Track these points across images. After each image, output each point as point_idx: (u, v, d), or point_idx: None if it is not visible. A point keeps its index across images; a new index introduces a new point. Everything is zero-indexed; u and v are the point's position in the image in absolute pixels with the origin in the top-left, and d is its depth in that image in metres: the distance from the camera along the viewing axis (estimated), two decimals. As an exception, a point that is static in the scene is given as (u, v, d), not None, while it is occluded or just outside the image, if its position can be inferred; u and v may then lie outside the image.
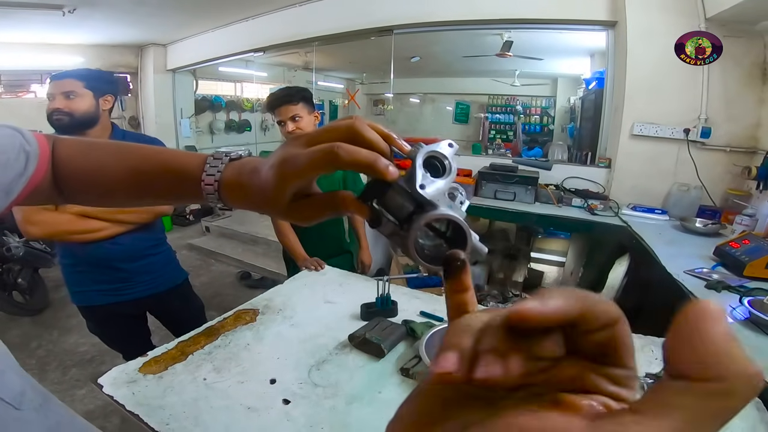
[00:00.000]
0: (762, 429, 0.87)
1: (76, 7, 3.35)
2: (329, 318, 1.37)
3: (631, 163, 2.79)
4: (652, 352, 1.18)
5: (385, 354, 1.15)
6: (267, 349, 1.19)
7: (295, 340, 1.24)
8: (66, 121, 1.40)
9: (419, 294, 1.61)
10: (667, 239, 2.14)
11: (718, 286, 1.50)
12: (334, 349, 1.20)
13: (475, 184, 2.87)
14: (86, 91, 1.43)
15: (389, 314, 1.36)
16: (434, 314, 1.40)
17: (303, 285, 1.63)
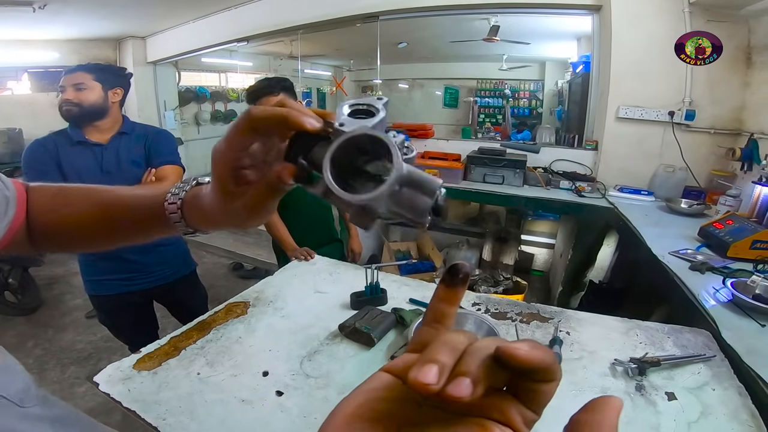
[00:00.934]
0: (744, 413, 0.88)
1: (46, 2, 3.24)
2: (319, 308, 1.38)
3: (617, 146, 2.82)
4: (636, 336, 1.21)
5: (375, 343, 1.16)
6: (259, 342, 1.19)
7: (286, 332, 1.24)
8: (75, 112, 1.44)
9: (408, 281, 1.62)
10: (653, 220, 2.16)
11: (702, 267, 1.52)
12: (324, 340, 1.20)
13: (464, 169, 2.89)
14: (95, 83, 1.48)
15: (379, 302, 1.37)
16: (423, 301, 1.41)
17: (293, 275, 1.63)
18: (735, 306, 1.26)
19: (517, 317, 1.32)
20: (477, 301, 1.43)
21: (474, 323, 1.19)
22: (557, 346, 1.13)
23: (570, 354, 1.14)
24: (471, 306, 1.38)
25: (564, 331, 1.24)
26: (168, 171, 1.56)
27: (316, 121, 0.31)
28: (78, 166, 1.46)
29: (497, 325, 1.16)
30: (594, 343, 1.18)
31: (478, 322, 1.18)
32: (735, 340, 1.09)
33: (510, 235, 3.29)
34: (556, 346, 1.13)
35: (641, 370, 1.02)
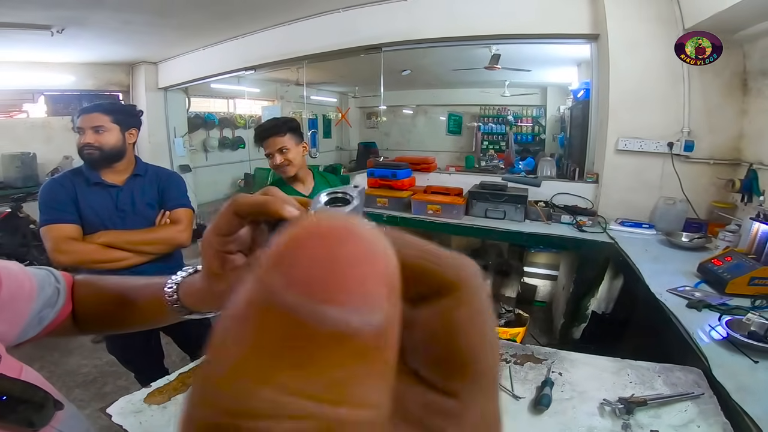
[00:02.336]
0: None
1: (64, 27, 3.38)
2: None
3: (617, 178, 2.82)
4: (627, 375, 1.22)
5: None
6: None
7: None
8: (96, 155, 1.49)
9: None
10: (652, 255, 2.16)
11: (699, 305, 1.52)
12: None
13: (466, 204, 2.88)
14: (113, 125, 1.53)
15: None
16: None
17: None
18: (729, 343, 1.27)
19: (512, 359, 1.33)
20: None
21: None
22: (548, 388, 1.14)
23: (561, 394, 1.15)
24: None
25: (557, 372, 1.25)
26: (181, 214, 1.64)
27: (295, 209, 0.34)
28: (95, 206, 1.52)
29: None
30: (585, 384, 1.20)
31: None
32: (726, 377, 1.10)
33: (512, 268, 3.29)
34: (547, 387, 1.15)
35: (628, 410, 1.04)
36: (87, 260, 1.47)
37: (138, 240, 1.53)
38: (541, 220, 2.77)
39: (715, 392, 1.10)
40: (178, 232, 1.60)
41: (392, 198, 3.03)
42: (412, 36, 3.36)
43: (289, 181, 1.90)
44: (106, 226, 1.52)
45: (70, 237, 1.45)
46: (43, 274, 0.58)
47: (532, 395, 1.15)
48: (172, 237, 1.59)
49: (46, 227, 1.45)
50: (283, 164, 1.80)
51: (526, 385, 1.21)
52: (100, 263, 1.48)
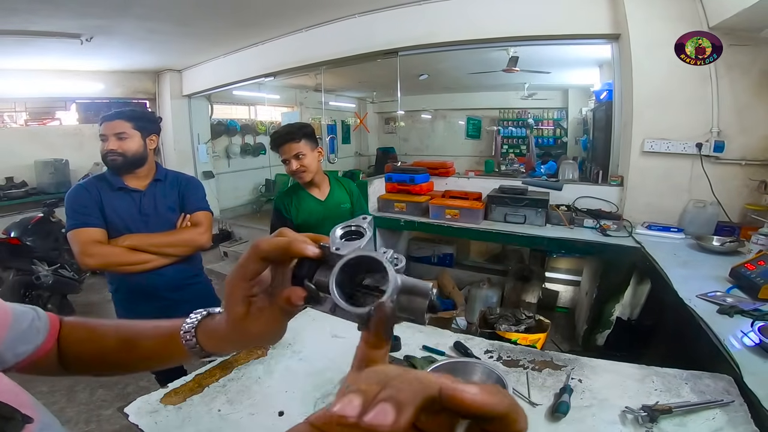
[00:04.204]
0: None
1: (93, 35, 3.53)
2: (335, 352, 1.39)
3: (643, 181, 2.74)
4: (653, 383, 1.17)
5: None
6: (276, 383, 1.22)
7: (302, 374, 1.26)
8: (120, 162, 1.54)
9: (423, 328, 1.62)
10: (681, 260, 2.08)
11: (731, 311, 1.46)
12: (338, 383, 1.21)
13: (485, 208, 2.85)
14: (135, 131, 1.57)
15: (393, 349, 1.37)
16: (437, 348, 1.41)
17: (311, 320, 1.65)
18: (762, 350, 1.21)
19: (530, 365, 1.30)
20: (490, 348, 1.42)
21: (482, 372, 1.18)
22: (566, 395, 1.10)
23: (580, 402, 1.11)
24: (483, 353, 1.37)
25: (576, 378, 1.21)
26: (201, 217, 1.69)
27: (315, 247, 0.35)
28: (119, 210, 1.57)
29: (508, 372, 1.14)
30: (606, 391, 1.15)
31: (487, 372, 1.17)
32: (758, 384, 1.05)
33: (533, 273, 3.23)
34: (565, 394, 1.11)
35: (652, 418, 0.99)
36: (113, 263, 1.52)
37: (161, 242, 1.58)
38: (563, 224, 2.71)
39: (745, 400, 1.04)
40: (199, 234, 1.64)
41: (410, 203, 3.02)
42: (429, 40, 3.36)
43: (305, 186, 1.93)
44: (130, 229, 1.56)
45: (96, 240, 1.50)
46: (24, 310, 0.58)
47: (550, 402, 1.11)
48: (193, 239, 1.64)
49: (73, 231, 1.50)
50: (299, 170, 1.83)
51: (543, 391, 1.17)
52: (126, 266, 1.52)
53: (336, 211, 1.97)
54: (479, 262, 3.91)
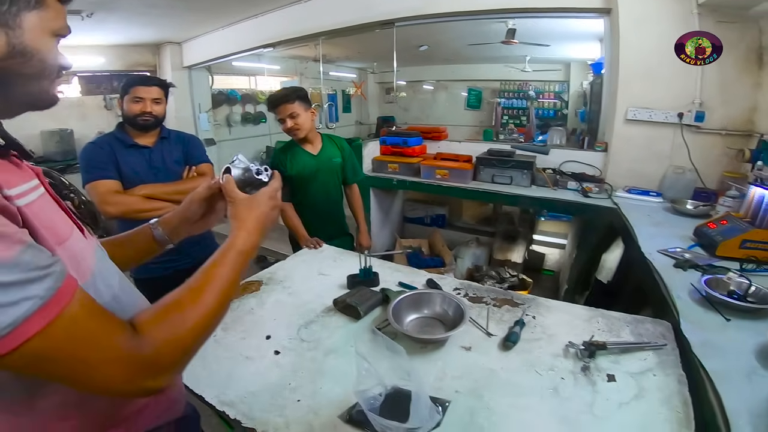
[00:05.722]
0: (676, 400, 0.95)
1: (93, 11, 3.57)
2: (321, 287, 1.56)
3: (626, 147, 2.82)
4: (597, 323, 1.31)
5: (361, 316, 1.33)
6: (266, 313, 1.39)
7: (290, 305, 1.43)
8: (151, 122, 1.78)
9: (401, 268, 1.78)
10: (654, 220, 2.16)
11: (685, 265, 1.52)
12: (321, 313, 1.39)
13: (474, 170, 2.96)
14: (164, 98, 1.81)
15: (371, 284, 1.54)
16: (411, 285, 1.56)
17: (302, 261, 1.83)
18: (706, 301, 1.27)
19: (492, 302, 1.45)
20: (459, 286, 1.57)
21: (443, 301, 1.34)
22: (518, 327, 1.25)
23: (530, 335, 1.25)
24: (452, 290, 1.52)
25: (531, 315, 1.36)
26: (205, 168, 1.94)
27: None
28: (132, 164, 1.75)
29: (471, 307, 1.30)
30: (555, 328, 1.29)
31: (447, 300, 1.33)
32: (693, 331, 1.12)
33: (519, 234, 3.35)
34: (517, 326, 1.25)
35: (591, 353, 1.11)
36: (132, 210, 1.68)
37: (173, 190, 1.76)
38: (547, 186, 2.81)
39: (679, 345, 1.14)
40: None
41: (403, 164, 3.15)
42: (425, 11, 3.38)
43: (299, 142, 2.13)
44: (143, 181, 1.75)
45: (114, 191, 1.68)
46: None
47: (504, 334, 1.25)
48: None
49: (92, 183, 1.68)
50: (293, 128, 2.04)
51: (500, 325, 1.31)
52: (143, 212, 1.68)
53: (328, 164, 2.17)
54: (470, 223, 4.02)
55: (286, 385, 1.04)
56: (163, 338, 0.55)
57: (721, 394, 0.86)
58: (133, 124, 1.76)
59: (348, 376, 1.05)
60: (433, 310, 1.35)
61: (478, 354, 1.18)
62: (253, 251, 0.74)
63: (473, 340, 1.24)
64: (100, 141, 1.77)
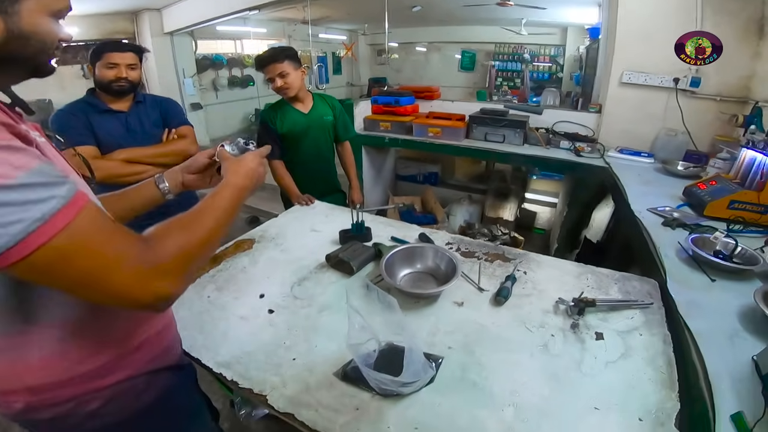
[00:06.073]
0: (661, 360, 0.97)
1: None
2: (313, 244, 1.56)
3: (620, 109, 2.81)
4: (587, 279, 1.33)
5: (354, 271, 1.34)
6: (259, 271, 1.39)
7: (283, 262, 1.43)
8: (127, 88, 1.71)
9: (393, 222, 1.78)
10: (644, 180, 2.17)
11: (673, 223, 1.53)
12: (314, 269, 1.39)
13: (467, 128, 2.94)
14: (139, 63, 1.73)
15: (364, 239, 1.54)
16: (404, 239, 1.57)
17: (294, 218, 1.83)
18: (692, 260, 1.28)
19: (484, 256, 1.46)
20: (451, 241, 1.58)
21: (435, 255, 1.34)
22: (509, 282, 1.26)
23: (521, 291, 1.27)
24: (445, 245, 1.53)
25: (522, 270, 1.37)
26: (185, 130, 1.88)
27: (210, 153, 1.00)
28: (109, 129, 1.69)
29: (464, 262, 1.30)
30: (546, 283, 1.31)
31: (440, 254, 1.34)
32: (679, 291, 1.12)
33: (511, 192, 3.35)
34: (508, 281, 1.27)
35: (580, 310, 1.13)
36: (113, 174, 1.63)
37: (154, 153, 1.73)
38: (540, 144, 2.81)
39: (665, 305, 1.15)
40: (189, 144, 1.83)
41: (395, 122, 3.11)
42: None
43: (290, 101, 2.10)
44: (121, 146, 1.69)
45: (92, 156, 1.62)
46: None
47: (495, 289, 1.26)
48: (184, 149, 1.80)
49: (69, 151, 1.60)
50: (283, 87, 2.00)
51: (492, 280, 1.33)
52: (124, 176, 1.64)
53: (319, 122, 2.15)
54: (463, 181, 4.02)
55: (280, 343, 1.05)
56: (171, 246, 0.60)
57: (704, 355, 0.87)
58: (107, 89, 1.69)
59: (342, 332, 1.05)
60: (425, 265, 1.35)
61: (470, 309, 1.20)
62: (244, 191, 0.82)
63: (465, 295, 1.25)
64: (72, 108, 1.70)
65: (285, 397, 0.89)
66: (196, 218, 0.70)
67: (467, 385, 0.92)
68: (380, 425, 0.82)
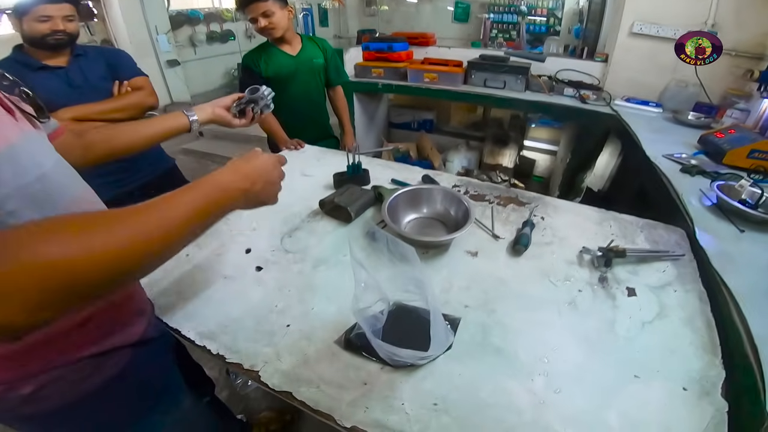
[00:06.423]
0: (699, 321, 0.87)
1: None
2: (304, 189, 1.41)
3: (628, 58, 2.69)
4: (610, 227, 1.21)
5: (352, 218, 1.19)
6: (244, 222, 1.23)
7: (270, 211, 1.25)
8: (65, 41, 1.51)
9: (393, 164, 1.63)
10: (654, 128, 2.10)
11: (693, 170, 1.48)
12: (306, 217, 1.24)
13: (465, 74, 2.81)
14: (76, 15, 1.53)
15: (361, 182, 1.39)
16: (405, 182, 1.42)
17: None
18: (718, 209, 1.21)
19: (495, 200, 1.33)
20: (457, 183, 1.44)
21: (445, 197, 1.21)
22: (527, 229, 1.14)
23: (541, 238, 1.15)
24: (451, 187, 1.39)
25: (539, 216, 1.25)
26: (141, 81, 1.69)
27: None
28: (48, 88, 1.48)
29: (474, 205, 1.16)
30: (566, 230, 1.19)
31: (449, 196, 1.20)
32: (709, 241, 1.04)
33: (510, 138, 3.24)
34: (527, 228, 1.14)
35: (607, 261, 1.02)
36: None
37: (108, 108, 1.53)
38: (542, 91, 2.69)
39: (696, 257, 1.06)
40: (146, 96, 1.64)
41: (388, 68, 2.94)
42: None
43: (275, 42, 1.91)
44: (65, 104, 1.48)
45: None
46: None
47: (512, 236, 1.14)
48: (141, 101, 1.62)
49: None
50: (267, 27, 1.81)
51: (507, 226, 1.20)
52: None
53: (308, 65, 1.98)
54: (459, 128, 3.88)
55: (272, 307, 0.91)
56: (42, 250, 0.36)
57: (747, 316, 0.77)
58: (40, 45, 1.47)
59: (341, 290, 0.93)
60: (433, 209, 1.22)
61: (485, 260, 1.07)
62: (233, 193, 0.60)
63: (479, 244, 1.13)
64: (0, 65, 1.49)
65: (280, 373, 0.76)
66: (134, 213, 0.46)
67: (490, 351, 0.80)
68: (393, 402, 0.70)
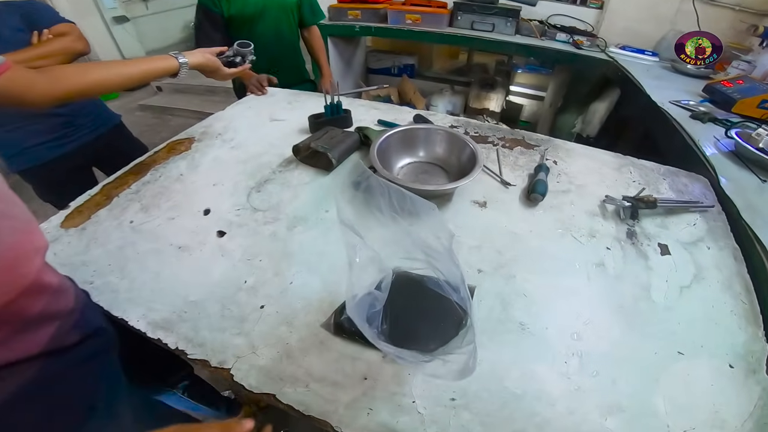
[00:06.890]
0: (738, 285, 0.76)
1: None
2: (274, 135, 1.20)
3: (625, 6, 2.55)
4: (630, 173, 1.08)
5: (334, 165, 1.00)
6: (202, 178, 1.02)
7: (234, 163, 1.06)
8: None
9: (379, 105, 1.42)
10: (654, 75, 2.00)
11: (704, 117, 1.39)
12: (277, 167, 1.04)
13: (450, 15, 2.61)
14: None
15: (342, 124, 1.20)
16: (394, 122, 1.23)
17: (247, 107, 1.41)
18: (736, 157, 1.13)
19: (500, 142, 1.16)
20: (455, 123, 1.26)
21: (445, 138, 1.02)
22: (543, 173, 0.99)
23: (557, 185, 1.00)
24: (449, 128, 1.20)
25: (551, 159, 1.10)
26: (65, 27, 1.45)
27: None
28: None
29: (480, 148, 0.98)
30: (583, 177, 1.04)
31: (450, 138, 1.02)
32: (734, 192, 0.96)
33: (497, 83, 3.10)
34: (541, 173, 0.99)
35: (634, 213, 0.89)
36: None
37: (29, 57, 1.27)
38: (533, 35, 2.53)
39: (723, 208, 0.96)
40: (72, 41, 1.40)
41: (366, 10, 2.70)
42: None
43: None
44: None
45: None
46: None
47: (525, 183, 0.99)
48: (68, 46, 1.39)
49: None
50: None
51: (516, 171, 1.04)
52: None
53: (278, 2, 1.71)
54: (442, 74, 3.69)
55: (240, 283, 0.72)
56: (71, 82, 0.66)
57: None
58: None
59: (325, 256, 0.75)
60: (431, 153, 1.04)
61: (496, 212, 0.91)
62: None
63: (487, 192, 0.96)
64: None
65: (258, 369, 0.59)
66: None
67: (513, 329, 0.65)
68: (401, 399, 0.55)
